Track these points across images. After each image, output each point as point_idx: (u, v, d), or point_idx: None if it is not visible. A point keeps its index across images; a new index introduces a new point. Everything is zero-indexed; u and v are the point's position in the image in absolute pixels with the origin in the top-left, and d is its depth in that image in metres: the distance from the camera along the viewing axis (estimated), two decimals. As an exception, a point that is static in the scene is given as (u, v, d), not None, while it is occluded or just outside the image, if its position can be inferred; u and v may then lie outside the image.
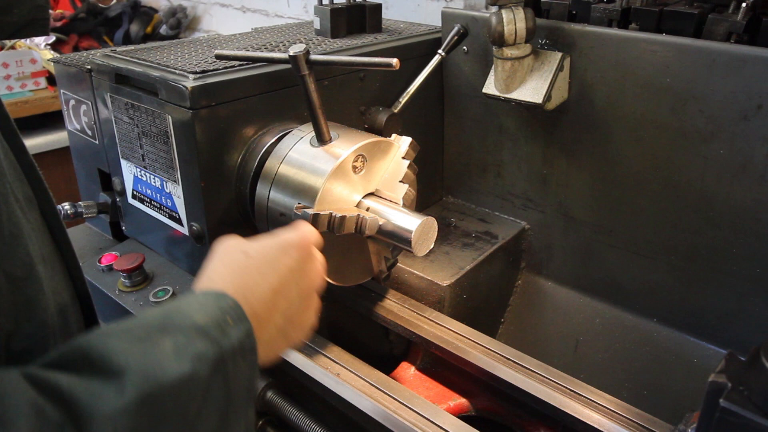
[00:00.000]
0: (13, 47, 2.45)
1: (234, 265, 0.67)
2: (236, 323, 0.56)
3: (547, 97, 1.17)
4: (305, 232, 0.75)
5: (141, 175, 1.19)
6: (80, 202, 1.35)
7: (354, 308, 1.24)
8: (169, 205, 1.14)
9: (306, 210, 0.92)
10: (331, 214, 0.92)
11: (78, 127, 1.38)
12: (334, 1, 1.39)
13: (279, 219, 1.01)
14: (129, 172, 1.22)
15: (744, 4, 1.03)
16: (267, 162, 1.04)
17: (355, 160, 1.00)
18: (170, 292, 1.14)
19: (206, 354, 0.51)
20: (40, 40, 2.53)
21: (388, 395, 0.97)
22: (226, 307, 0.57)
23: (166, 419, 0.47)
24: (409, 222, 0.96)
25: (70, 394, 0.44)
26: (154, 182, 1.16)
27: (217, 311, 0.56)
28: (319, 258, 0.76)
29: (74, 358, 0.47)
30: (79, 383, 0.45)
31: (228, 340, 0.54)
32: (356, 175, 1.00)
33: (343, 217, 0.93)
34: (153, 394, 0.46)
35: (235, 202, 1.11)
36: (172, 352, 0.49)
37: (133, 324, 0.52)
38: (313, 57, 0.99)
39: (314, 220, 0.91)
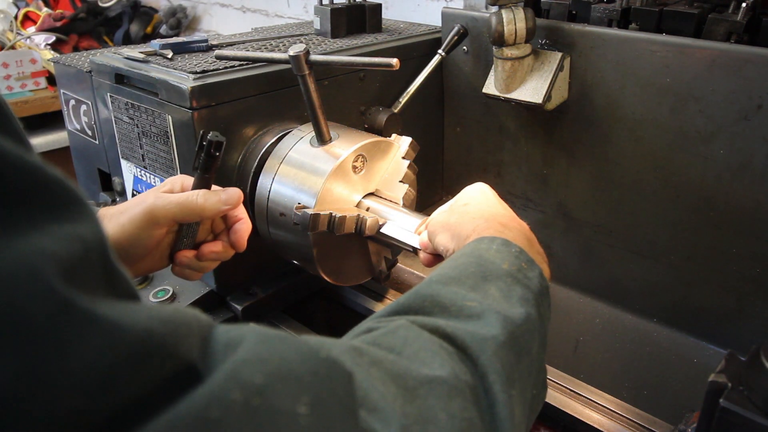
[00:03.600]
0: (13, 47, 2.45)
1: (496, 209, 0.76)
2: (530, 267, 0.60)
3: (547, 97, 1.18)
4: None
5: (141, 175, 1.19)
6: (80, 202, 1.34)
7: (354, 308, 1.24)
8: (169, 205, 1.14)
9: (306, 210, 0.92)
10: (331, 214, 0.92)
11: (78, 127, 1.38)
12: (334, 1, 1.39)
13: (279, 219, 1.01)
14: (129, 172, 1.22)
15: (744, 4, 1.03)
16: (267, 162, 1.04)
17: (355, 160, 1.00)
18: (170, 292, 1.14)
19: (527, 297, 0.55)
20: (40, 40, 2.53)
21: (388, 395, 0.97)
22: (517, 253, 0.61)
23: (522, 355, 0.50)
24: (409, 222, 0.96)
25: (453, 334, 0.48)
26: (154, 182, 1.16)
27: (514, 258, 0.60)
28: None
29: (426, 305, 0.53)
30: (455, 324, 0.49)
31: (532, 283, 0.58)
32: (356, 175, 1.00)
33: (343, 218, 0.93)
34: (514, 332, 0.50)
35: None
36: (504, 296, 0.53)
37: (456, 273, 0.57)
38: (313, 57, 0.99)
39: (314, 220, 0.91)
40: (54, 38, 2.58)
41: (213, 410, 0.28)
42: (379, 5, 1.44)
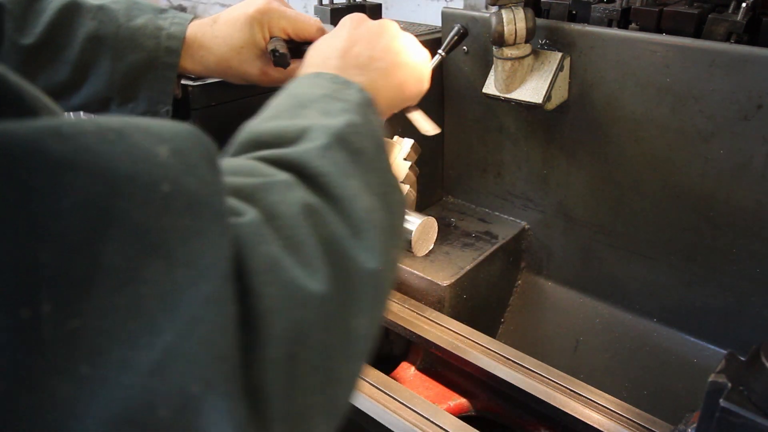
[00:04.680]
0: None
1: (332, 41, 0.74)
2: (346, 86, 0.61)
3: (547, 97, 1.18)
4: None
5: (141, 175, 1.19)
6: (80, 202, 1.35)
7: (354, 308, 1.24)
8: (169, 205, 1.14)
9: None
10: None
11: (78, 127, 1.38)
12: (334, 1, 1.39)
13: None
14: (129, 172, 1.22)
15: (744, 4, 1.03)
16: (267, 162, 1.04)
17: (356, 160, 1.00)
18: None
19: (346, 108, 0.56)
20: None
21: (388, 395, 0.97)
22: (331, 77, 0.62)
23: (355, 154, 0.51)
24: (409, 222, 0.96)
25: (278, 158, 0.48)
26: (154, 182, 1.16)
27: (328, 83, 0.61)
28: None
29: (250, 147, 0.53)
30: (279, 151, 0.49)
31: (351, 97, 0.59)
32: (356, 175, 1.00)
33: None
34: (338, 135, 0.51)
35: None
36: (323, 114, 0.55)
37: (273, 112, 0.59)
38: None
39: None
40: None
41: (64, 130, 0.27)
42: (379, 5, 1.44)
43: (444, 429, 0.91)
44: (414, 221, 0.96)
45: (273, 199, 0.41)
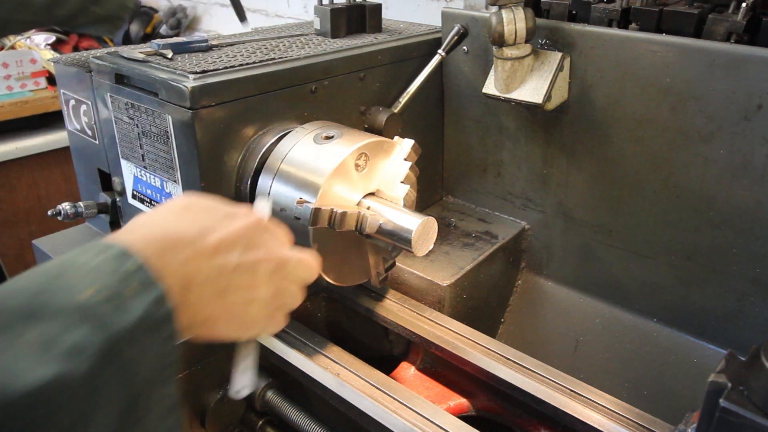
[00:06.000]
0: (13, 47, 2.45)
1: (167, 211, 0.57)
2: (140, 290, 0.46)
3: (547, 97, 1.18)
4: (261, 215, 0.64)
5: (141, 175, 1.19)
6: (80, 202, 1.35)
7: (354, 308, 1.24)
8: (169, 205, 1.14)
9: (307, 204, 0.92)
10: (332, 209, 0.93)
11: (78, 127, 1.38)
12: (334, 1, 1.39)
13: (279, 215, 1.01)
14: (129, 172, 1.22)
15: (744, 4, 1.03)
16: (267, 161, 1.04)
17: (358, 158, 1.00)
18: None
19: (85, 345, 0.41)
20: (40, 40, 2.53)
21: (388, 395, 0.97)
22: (129, 269, 0.46)
23: None
24: (410, 222, 0.96)
25: None
26: (154, 182, 1.16)
27: (114, 278, 0.45)
28: (281, 238, 0.64)
29: None
30: None
31: (124, 318, 0.44)
32: (358, 174, 1.00)
33: (344, 213, 0.93)
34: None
35: (235, 201, 1.11)
36: (34, 351, 0.39)
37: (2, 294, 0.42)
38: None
39: (315, 214, 0.91)
40: (54, 38, 2.58)
41: None
42: (379, 5, 1.44)
43: (444, 429, 0.91)
44: (414, 221, 0.96)
45: None
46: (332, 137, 1.02)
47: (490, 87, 1.26)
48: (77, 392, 0.40)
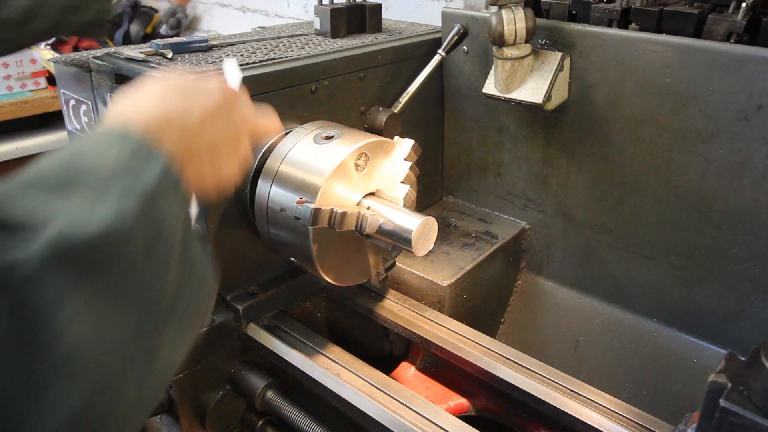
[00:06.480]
0: (13, 47, 2.44)
1: (151, 91, 0.61)
2: (147, 163, 0.51)
3: (547, 97, 1.18)
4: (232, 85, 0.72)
5: (141, 175, 1.19)
6: (80, 202, 1.34)
7: (354, 308, 1.24)
8: (169, 205, 1.14)
9: (308, 204, 0.92)
10: (332, 209, 0.93)
11: (78, 127, 1.38)
12: (334, 1, 1.39)
13: (279, 215, 1.01)
14: (129, 172, 1.22)
15: (744, 4, 1.03)
16: (267, 161, 1.04)
17: (358, 158, 1.00)
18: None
19: (131, 192, 0.48)
20: (40, 40, 2.53)
21: (388, 395, 0.97)
22: (132, 148, 0.52)
23: (95, 272, 0.44)
24: (410, 222, 0.96)
25: None
26: (154, 182, 1.16)
27: (126, 153, 0.51)
28: (248, 103, 0.72)
29: None
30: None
31: (147, 178, 0.50)
32: (358, 174, 1.00)
33: (344, 213, 0.93)
34: (71, 248, 0.42)
35: (235, 202, 1.11)
36: (93, 197, 0.46)
37: (33, 175, 0.48)
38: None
39: (315, 214, 0.91)
40: (54, 38, 2.57)
41: None
42: (379, 5, 1.44)
43: (444, 429, 0.91)
44: (414, 221, 0.96)
45: None
46: (332, 137, 1.02)
47: (490, 87, 1.25)
48: (127, 227, 0.46)
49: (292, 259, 1.08)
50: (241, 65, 1.09)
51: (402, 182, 1.04)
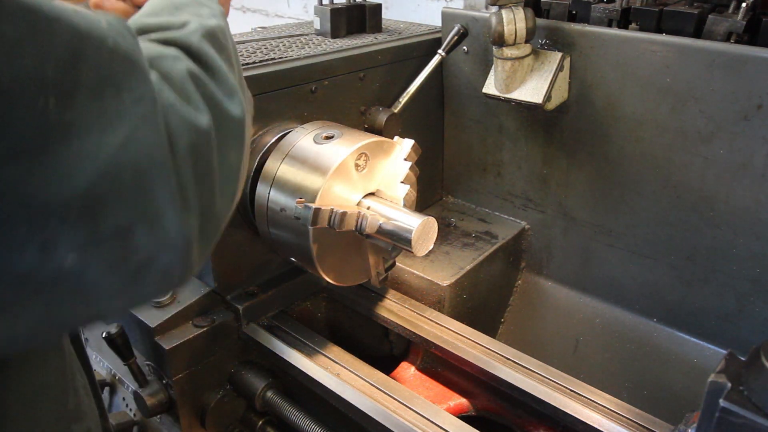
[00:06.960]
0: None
1: None
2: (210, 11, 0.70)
3: (547, 97, 1.18)
4: None
5: (141, 175, 1.19)
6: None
7: (354, 308, 1.24)
8: (169, 205, 1.14)
9: (308, 204, 0.92)
10: (332, 209, 0.92)
11: None
12: (334, 1, 1.39)
13: (279, 215, 1.01)
14: (129, 172, 1.22)
15: (744, 4, 1.03)
16: (267, 161, 1.04)
17: (358, 158, 1.00)
18: (169, 293, 1.14)
19: (213, 13, 0.68)
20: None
21: (388, 395, 0.98)
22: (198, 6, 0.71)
23: (221, 48, 0.64)
24: (410, 222, 0.96)
25: (165, 39, 0.60)
26: (154, 182, 1.16)
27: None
28: None
29: (139, 32, 0.61)
30: (165, 34, 0.61)
31: (214, 5, 0.71)
32: (358, 174, 1.00)
33: (344, 213, 0.93)
34: (210, 31, 0.64)
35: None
36: (195, 15, 0.66)
37: (152, 10, 0.67)
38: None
39: (315, 214, 0.91)
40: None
41: None
42: (379, 5, 1.44)
43: (444, 429, 0.91)
44: (414, 221, 0.95)
45: (165, 65, 0.57)
46: (332, 137, 1.02)
47: (490, 87, 1.26)
48: (224, 30, 0.69)
49: (292, 259, 1.08)
50: (241, 65, 1.09)
51: (402, 182, 1.04)
